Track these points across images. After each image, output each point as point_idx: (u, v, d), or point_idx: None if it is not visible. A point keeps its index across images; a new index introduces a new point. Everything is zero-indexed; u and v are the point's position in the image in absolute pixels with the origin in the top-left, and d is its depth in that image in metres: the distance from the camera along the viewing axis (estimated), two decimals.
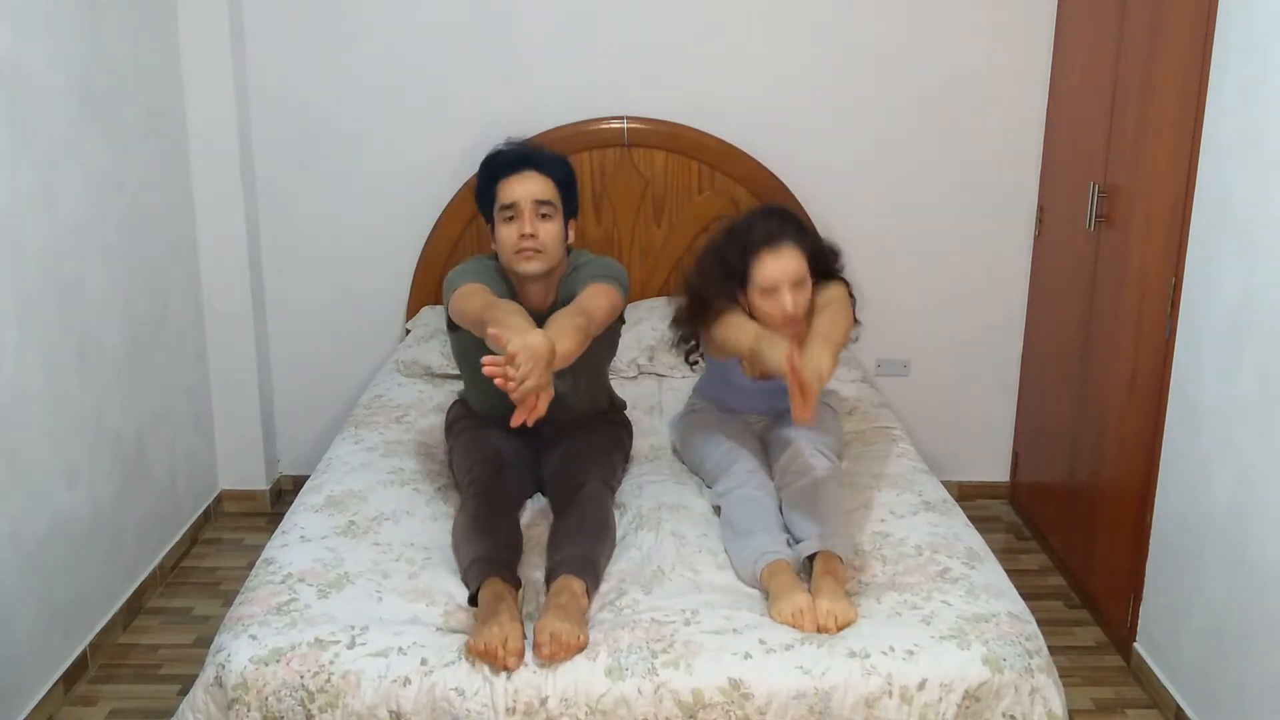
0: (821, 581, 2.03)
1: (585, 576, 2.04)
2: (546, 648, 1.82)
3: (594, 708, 1.79)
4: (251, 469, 3.69)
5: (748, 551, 2.13)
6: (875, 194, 3.58)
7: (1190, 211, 2.52)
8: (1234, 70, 2.37)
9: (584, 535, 2.16)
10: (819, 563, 2.09)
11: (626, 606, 2.02)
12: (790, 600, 1.96)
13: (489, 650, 1.80)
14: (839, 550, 2.13)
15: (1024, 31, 3.47)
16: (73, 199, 2.70)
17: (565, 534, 2.17)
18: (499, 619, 1.86)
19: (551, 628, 1.84)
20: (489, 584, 1.99)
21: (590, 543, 2.15)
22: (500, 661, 1.80)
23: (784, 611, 1.95)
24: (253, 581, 2.09)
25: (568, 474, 2.38)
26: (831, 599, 1.96)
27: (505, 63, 3.48)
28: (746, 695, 1.80)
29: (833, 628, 1.92)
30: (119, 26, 2.95)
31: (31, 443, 2.51)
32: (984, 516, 3.63)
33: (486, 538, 2.13)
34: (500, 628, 1.83)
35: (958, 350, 3.74)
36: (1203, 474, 2.47)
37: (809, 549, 2.13)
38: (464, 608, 2.02)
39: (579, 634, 1.85)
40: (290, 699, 1.80)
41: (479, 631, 1.85)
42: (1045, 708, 1.86)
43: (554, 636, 1.82)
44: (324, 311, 3.68)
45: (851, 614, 1.96)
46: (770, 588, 2.03)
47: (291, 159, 3.55)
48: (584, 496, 2.28)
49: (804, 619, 1.93)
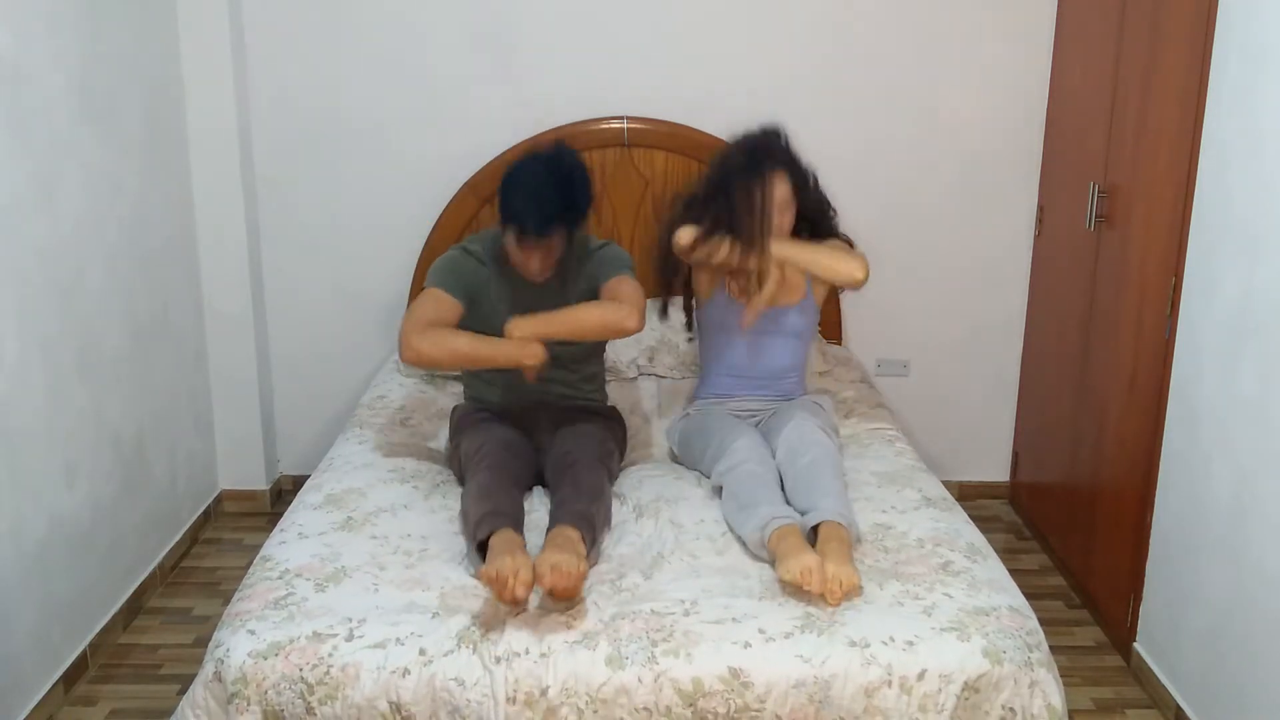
0: (828, 546, 2.05)
1: (580, 527, 2.10)
2: (548, 577, 1.87)
3: (594, 696, 1.80)
4: (251, 469, 3.69)
5: (755, 519, 2.15)
6: (875, 194, 3.58)
7: (1190, 211, 2.52)
8: (1234, 70, 2.37)
9: (580, 497, 2.23)
10: (825, 529, 2.11)
11: (626, 589, 2.03)
12: (799, 559, 1.97)
13: (500, 577, 1.85)
14: (845, 521, 2.15)
15: (1024, 31, 3.47)
16: (73, 199, 2.70)
17: (562, 500, 2.23)
18: (512, 553, 1.92)
19: (551, 560, 1.90)
20: (500, 532, 2.05)
21: (586, 502, 2.21)
22: (510, 591, 1.85)
23: (792, 569, 1.96)
24: (250, 578, 2.09)
25: (564, 453, 2.44)
26: (838, 563, 1.98)
27: (505, 63, 3.48)
28: (746, 684, 1.81)
29: (838, 591, 1.93)
30: (119, 26, 2.95)
31: (31, 443, 2.51)
32: (984, 516, 3.63)
33: (498, 497, 2.20)
34: (513, 559, 1.89)
35: (958, 350, 3.74)
36: (1203, 474, 2.47)
37: (816, 518, 2.15)
38: (461, 589, 2.03)
39: (579, 564, 1.91)
40: (290, 692, 1.81)
41: (492, 561, 1.90)
42: (1045, 701, 1.86)
43: (554, 567, 1.88)
44: (324, 311, 3.68)
45: (856, 579, 1.97)
46: (779, 549, 2.04)
47: (291, 159, 3.55)
48: (580, 468, 2.35)
49: (812, 577, 1.93)
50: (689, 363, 3.32)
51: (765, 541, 2.09)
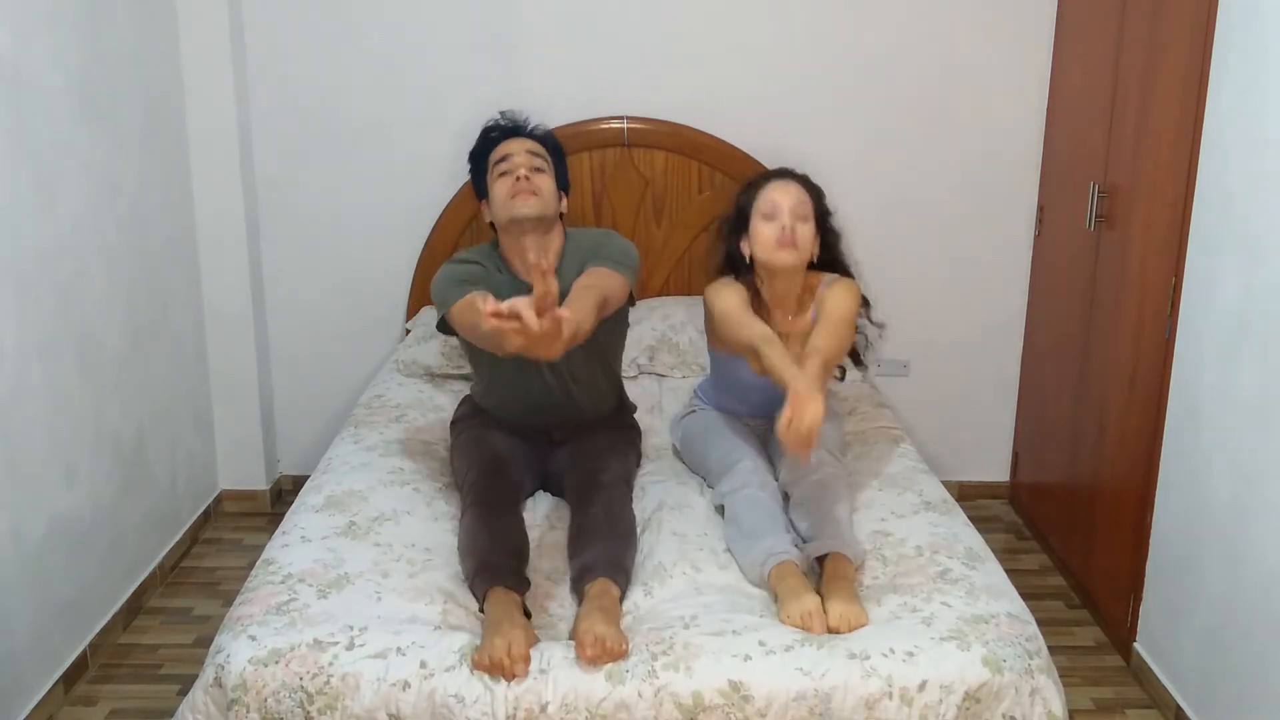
0: (833, 584, 2.03)
1: (620, 584, 2.05)
2: (590, 649, 1.81)
3: (594, 712, 1.79)
4: (251, 469, 3.69)
5: (755, 552, 2.12)
6: (875, 194, 3.58)
7: (1190, 211, 2.52)
8: (1234, 70, 2.37)
9: (615, 538, 2.17)
10: (830, 564, 2.09)
11: (628, 611, 2.03)
12: (799, 603, 1.95)
13: (494, 663, 1.80)
14: (850, 553, 2.13)
15: (1024, 31, 3.47)
16: (73, 199, 2.70)
17: (594, 533, 2.18)
18: (501, 629, 1.86)
19: (597, 630, 1.84)
20: (492, 594, 2.00)
21: (621, 546, 2.16)
22: (508, 671, 1.80)
23: (793, 614, 1.94)
24: (252, 582, 2.09)
25: (588, 472, 2.38)
26: (844, 602, 1.96)
27: (505, 62, 3.48)
28: (746, 697, 1.80)
29: (845, 631, 1.92)
30: (119, 26, 2.95)
31: (31, 443, 2.51)
32: (984, 516, 3.63)
33: (486, 546, 2.13)
34: (502, 638, 1.83)
35: (958, 350, 3.74)
36: (1203, 474, 2.47)
37: (819, 549, 2.13)
38: (463, 606, 2.02)
39: (623, 641, 1.85)
40: (289, 700, 1.80)
41: (483, 646, 1.84)
42: (1045, 708, 1.85)
43: (599, 639, 1.82)
44: (324, 311, 3.68)
45: (864, 618, 1.95)
46: (779, 590, 2.02)
47: (292, 159, 3.55)
48: (611, 496, 2.29)
49: (813, 621, 1.92)
50: (689, 361, 3.32)
51: (765, 576, 2.07)
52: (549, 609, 2.08)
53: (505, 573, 2.05)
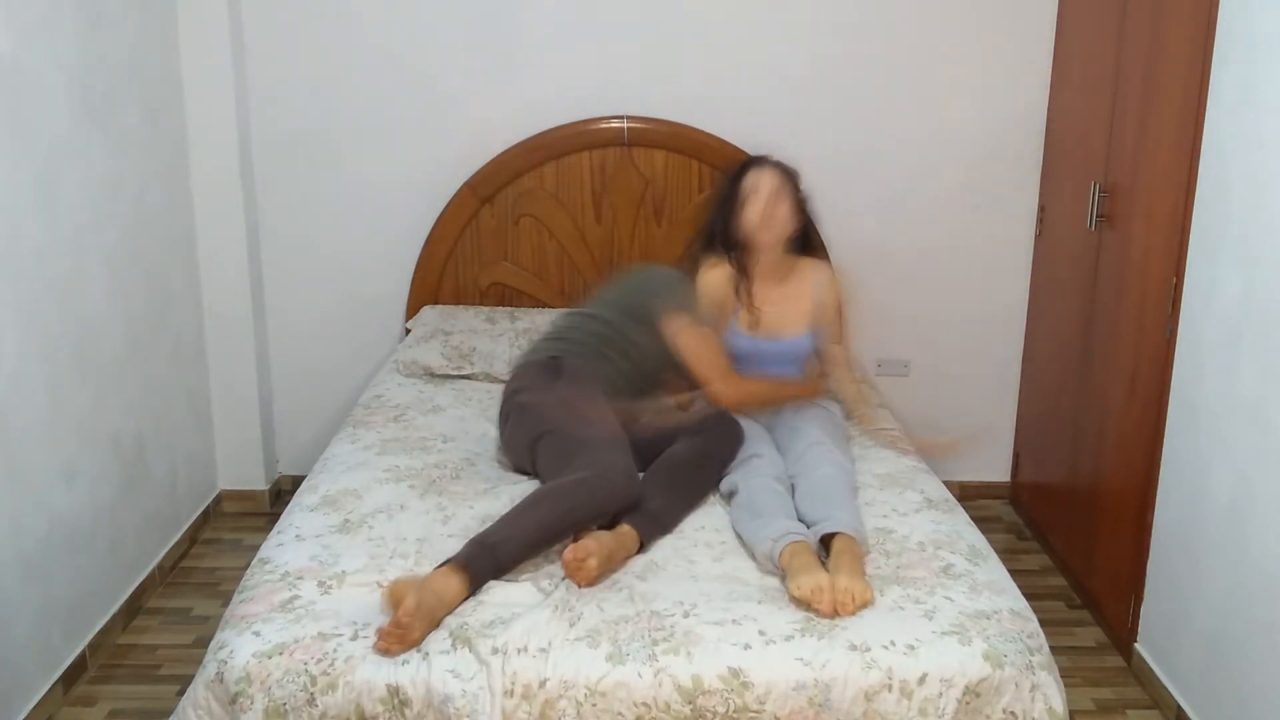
0: (840, 560, 2.05)
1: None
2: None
3: (593, 689, 1.80)
4: (251, 469, 3.68)
5: (768, 531, 2.14)
6: (876, 194, 3.58)
7: (1191, 211, 2.52)
8: (1234, 70, 2.37)
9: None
10: (837, 543, 2.11)
11: (625, 598, 2.02)
12: (811, 576, 1.97)
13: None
14: (858, 536, 2.15)
15: (1024, 31, 3.47)
16: (73, 199, 2.70)
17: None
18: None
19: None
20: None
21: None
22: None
23: (804, 586, 1.95)
24: (250, 580, 2.09)
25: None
26: (850, 577, 1.98)
27: (505, 63, 3.48)
28: (746, 684, 1.81)
29: (850, 606, 1.93)
30: (119, 26, 2.95)
31: (31, 443, 2.51)
32: (984, 516, 3.63)
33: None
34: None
35: (958, 350, 3.74)
36: (1203, 474, 2.46)
37: (829, 528, 2.15)
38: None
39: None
40: (293, 685, 1.81)
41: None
42: (1046, 704, 1.86)
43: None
44: (323, 311, 3.68)
45: (869, 594, 1.97)
46: (791, 566, 2.03)
47: (291, 159, 3.55)
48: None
49: (822, 596, 1.93)
50: None
51: (777, 554, 2.08)
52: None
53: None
